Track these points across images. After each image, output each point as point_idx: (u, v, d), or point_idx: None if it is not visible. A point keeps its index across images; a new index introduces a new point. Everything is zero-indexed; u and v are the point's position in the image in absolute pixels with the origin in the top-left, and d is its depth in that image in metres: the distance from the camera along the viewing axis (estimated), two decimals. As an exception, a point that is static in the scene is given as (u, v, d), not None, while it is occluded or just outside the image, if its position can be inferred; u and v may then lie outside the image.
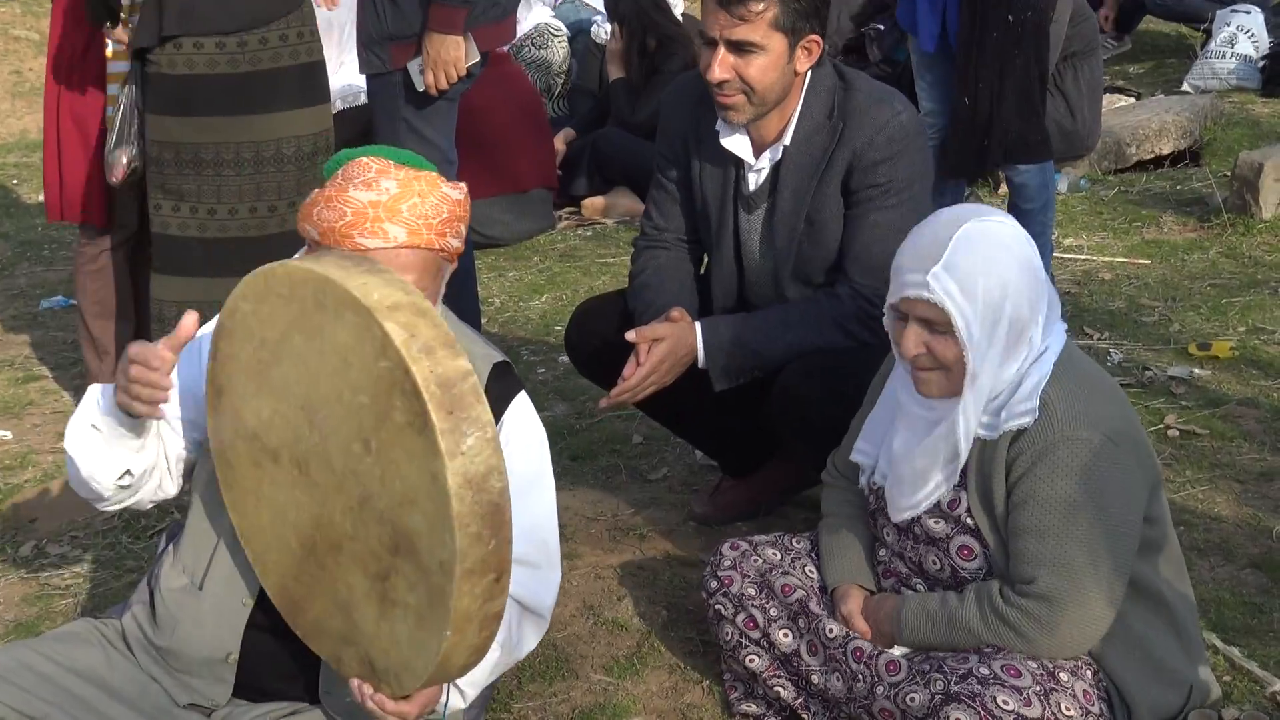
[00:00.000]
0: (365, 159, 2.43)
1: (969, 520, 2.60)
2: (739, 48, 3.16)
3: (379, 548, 2.15)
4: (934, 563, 2.67)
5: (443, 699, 2.39)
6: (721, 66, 3.17)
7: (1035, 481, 2.50)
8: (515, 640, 2.55)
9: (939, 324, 2.51)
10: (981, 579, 2.61)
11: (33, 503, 4.09)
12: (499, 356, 2.61)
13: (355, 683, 2.28)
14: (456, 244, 2.44)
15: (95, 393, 2.48)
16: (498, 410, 2.51)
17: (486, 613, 2.11)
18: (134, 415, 2.39)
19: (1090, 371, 2.64)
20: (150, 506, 2.66)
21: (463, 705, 2.49)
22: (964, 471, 2.61)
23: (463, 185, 2.51)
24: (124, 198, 4.36)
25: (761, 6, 3.11)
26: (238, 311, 2.27)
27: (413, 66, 4.22)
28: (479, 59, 4.27)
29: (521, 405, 2.60)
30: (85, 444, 2.48)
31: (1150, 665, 2.58)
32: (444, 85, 4.23)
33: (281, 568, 2.37)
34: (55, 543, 3.87)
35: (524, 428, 2.60)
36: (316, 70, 4.14)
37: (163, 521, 3.83)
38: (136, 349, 2.33)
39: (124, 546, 3.83)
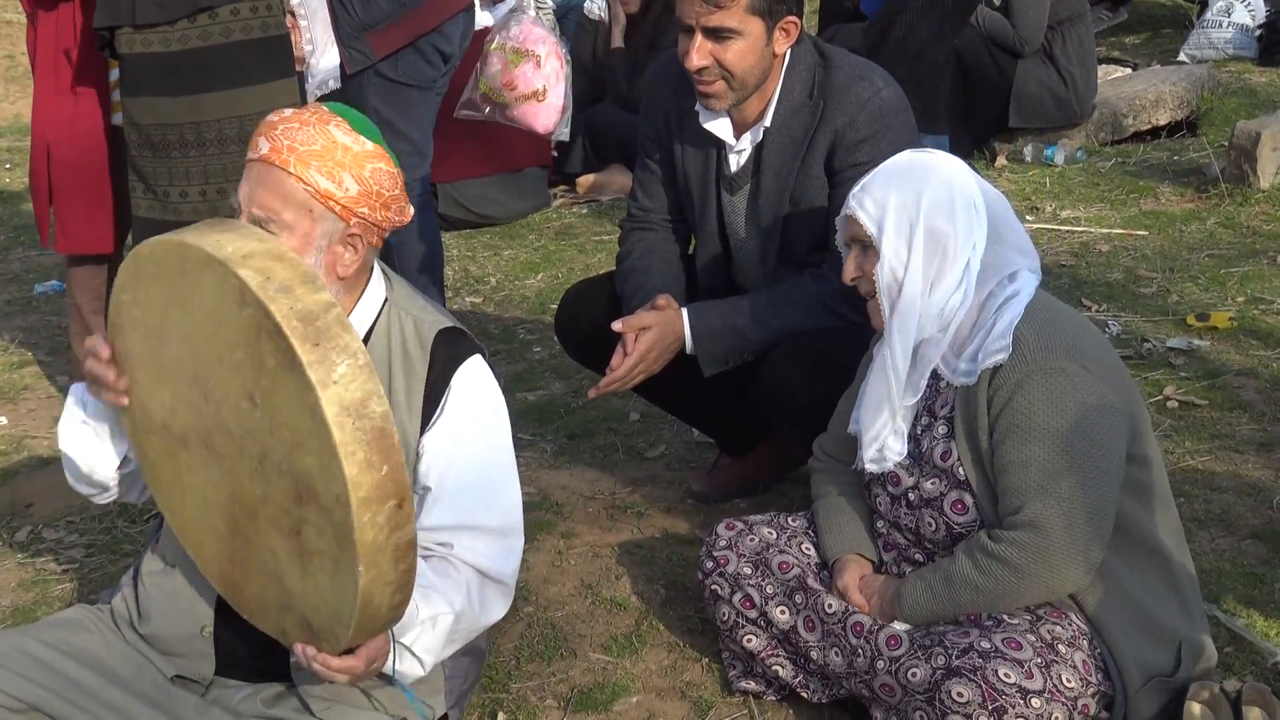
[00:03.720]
0: (314, 103, 2.50)
1: (959, 471, 2.60)
2: (716, 34, 3.13)
3: (286, 501, 2.15)
4: (929, 523, 2.66)
5: (390, 660, 2.37)
6: (699, 54, 3.14)
7: (1014, 414, 2.52)
8: (478, 608, 2.54)
9: (865, 240, 2.63)
10: (976, 531, 2.60)
11: (29, 488, 4.09)
12: (448, 323, 2.59)
13: (299, 648, 2.29)
14: (326, 185, 2.37)
15: (77, 390, 2.51)
16: (445, 374, 2.52)
17: (397, 542, 2.09)
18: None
19: (1066, 312, 2.66)
20: (147, 495, 2.66)
21: (421, 672, 2.47)
22: (951, 421, 2.62)
23: (371, 146, 2.45)
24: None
25: None
26: (120, 305, 2.30)
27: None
28: None
29: (474, 369, 2.58)
30: (79, 440, 2.52)
31: (1141, 620, 2.57)
32: None
33: (217, 555, 2.37)
34: (51, 527, 3.87)
35: (475, 392, 2.58)
36: (274, 45, 3.97)
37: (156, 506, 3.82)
38: (89, 341, 2.39)
39: (120, 530, 3.82)
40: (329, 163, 2.39)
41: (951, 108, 6.61)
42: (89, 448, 2.52)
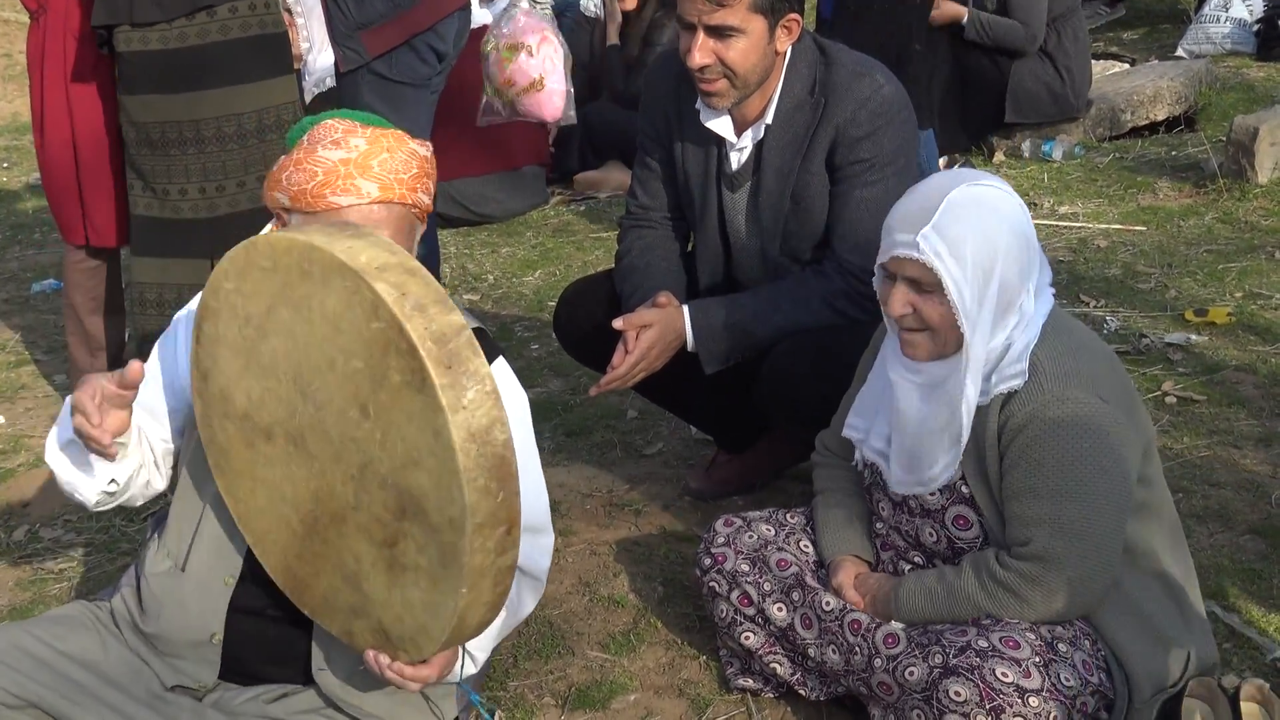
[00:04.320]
0: (330, 121, 2.43)
1: (964, 489, 2.59)
2: (719, 32, 3.11)
3: (384, 513, 2.13)
4: (930, 534, 2.66)
5: (458, 663, 2.38)
6: (702, 52, 3.13)
7: (1028, 442, 2.49)
8: (516, 602, 2.55)
9: (927, 284, 2.49)
10: (978, 548, 2.60)
11: (26, 487, 4.08)
12: (474, 323, 2.59)
13: (371, 654, 2.27)
14: (427, 200, 2.44)
15: (69, 406, 2.46)
16: None
17: (500, 566, 2.10)
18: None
19: (1079, 332, 2.62)
20: (142, 503, 2.65)
21: (474, 670, 2.48)
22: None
23: (428, 144, 2.49)
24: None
25: None
26: (220, 290, 2.24)
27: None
28: None
29: (500, 371, 2.58)
30: (64, 459, 2.49)
31: (1149, 633, 2.56)
32: None
33: (283, 548, 2.35)
34: (49, 527, 3.86)
35: (505, 394, 2.57)
36: (272, 42, 3.99)
37: (155, 505, 3.81)
38: (79, 396, 2.31)
39: (117, 530, 3.81)
40: (424, 179, 2.43)
41: (948, 104, 6.62)
42: (73, 468, 2.47)
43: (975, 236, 2.46)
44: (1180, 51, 8.06)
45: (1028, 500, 2.49)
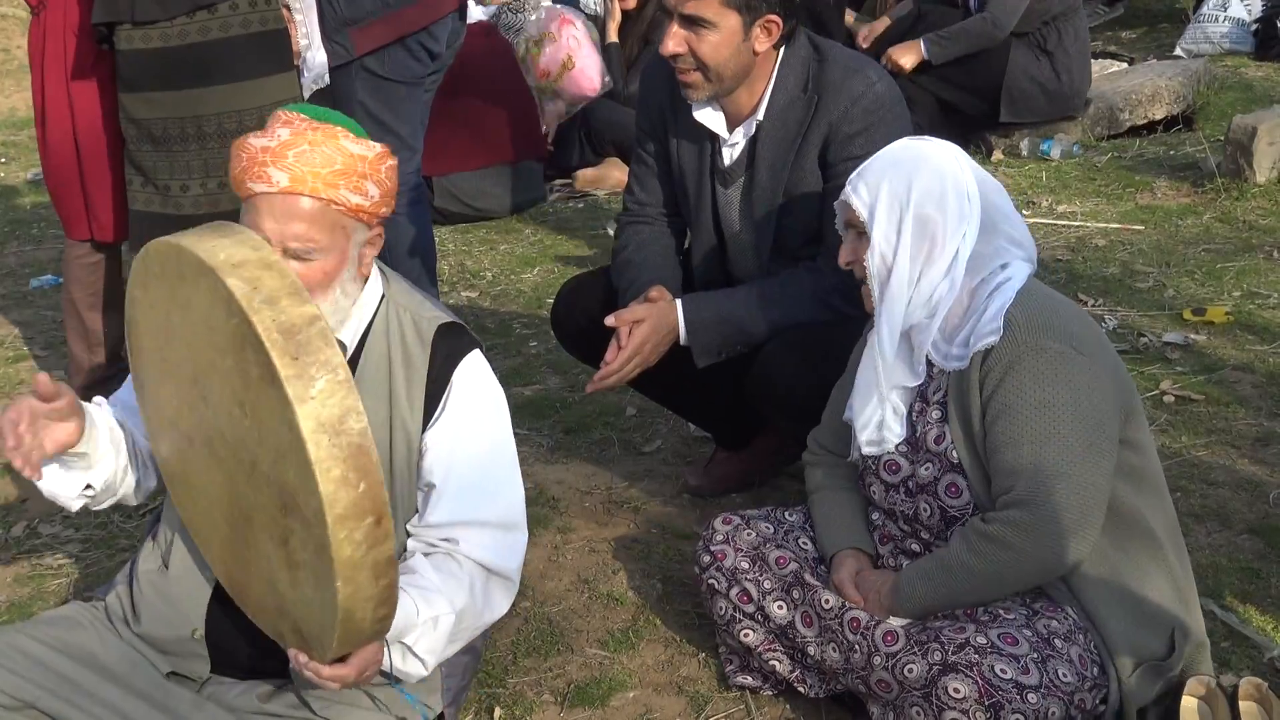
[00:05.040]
0: (282, 111, 2.43)
1: (953, 455, 2.61)
2: (692, 22, 3.14)
3: (275, 511, 2.14)
4: (925, 509, 2.67)
5: (386, 661, 2.36)
6: (674, 40, 3.17)
7: (1005, 394, 2.53)
8: (481, 604, 2.53)
9: (859, 225, 2.66)
10: (970, 514, 2.61)
11: (24, 483, 4.06)
12: (447, 318, 2.58)
13: (293, 653, 2.28)
14: (357, 200, 2.37)
15: None
16: (444, 371, 2.51)
17: (375, 559, 2.07)
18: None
19: (1056, 298, 2.67)
20: (138, 502, 2.65)
21: (424, 673, 2.47)
22: (944, 405, 2.63)
23: (378, 147, 2.44)
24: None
25: None
26: (134, 301, 2.29)
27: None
28: None
29: (473, 365, 2.57)
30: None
31: (1131, 603, 2.56)
32: None
33: (222, 554, 2.37)
34: (47, 523, 3.86)
35: (476, 388, 2.57)
36: (272, 39, 3.99)
37: (156, 501, 3.81)
38: (3, 418, 2.31)
39: (116, 526, 3.81)
40: (354, 177, 2.37)
41: (944, 102, 6.62)
42: (49, 477, 2.46)
43: (892, 174, 2.64)
44: (1179, 51, 8.07)
45: (1008, 451, 2.52)
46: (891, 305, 2.62)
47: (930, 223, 2.58)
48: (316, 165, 2.34)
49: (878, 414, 2.70)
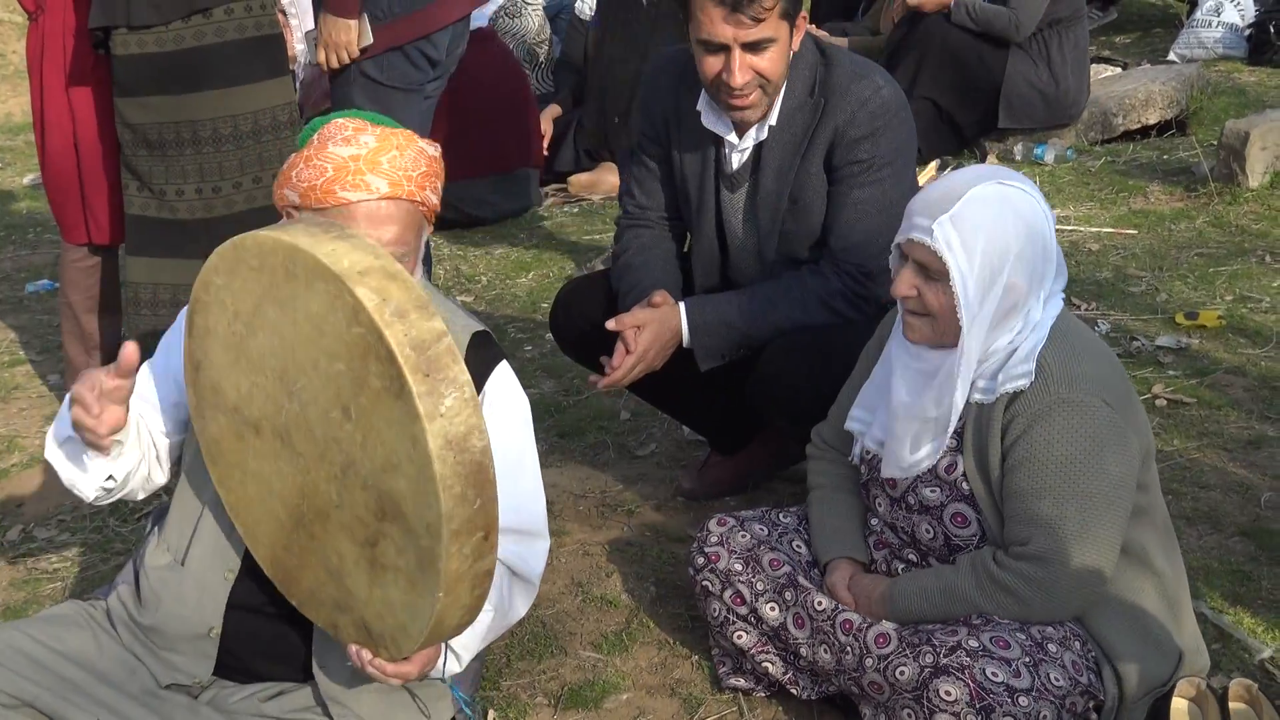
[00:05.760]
0: (340, 120, 2.46)
1: (964, 485, 2.60)
2: (754, 47, 3.09)
3: (366, 514, 2.14)
4: (927, 531, 2.67)
5: (441, 661, 2.40)
6: (743, 71, 3.10)
7: (1032, 443, 2.50)
8: (507, 604, 2.56)
9: (934, 271, 2.52)
10: (975, 546, 2.61)
11: (20, 487, 4.08)
12: (478, 326, 2.61)
13: (353, 649, 2.29)
14: (434, 199, 2.46)
15: (68, 402, 2.48)
16: (478, 380, 2.53)
17: (477, 571, 2.10)
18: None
19: (1087, 338, 2.63)
20: (143, 497, 2.67)
21: (459, 669, 2.49)
22: (960, 435, 2.61)
23: (437, 144, 2.52)
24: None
25: (771, 1, 3.05)
26: (211, 285, 2.26)
27: (308, 38, 4.20)
28: (371, 42, 4.19)
29: (503, 375, 2.60)
30: (63, 454, 2.50)
31: (1140, 633, 2.58)
32: (335, 65, 4.19)
33: (272, 539, 2.37)
34: (43, 527, 3.87)
35: (506, 398, 2.60)
36: (267, 44, 4.01)
37: (150, 504, 3.82)
38: (79, 389, 2.34)
39: (111, 530, 3.82)
40: (434, 179, 2.44)
41: (941, 108, 6.63)
42: (72, 463, 2.49)
43: (989, 233, 2.48)
44: (1172, 55, 8.07)
45: (1029, 500, 2.50)
46: (968, 358, 2.53)
47: (1018, 291, 2.52)
48: (408, 169, 2.39)
49: (926, 464, 2.64)
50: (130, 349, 2.31)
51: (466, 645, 2.48)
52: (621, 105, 5.42)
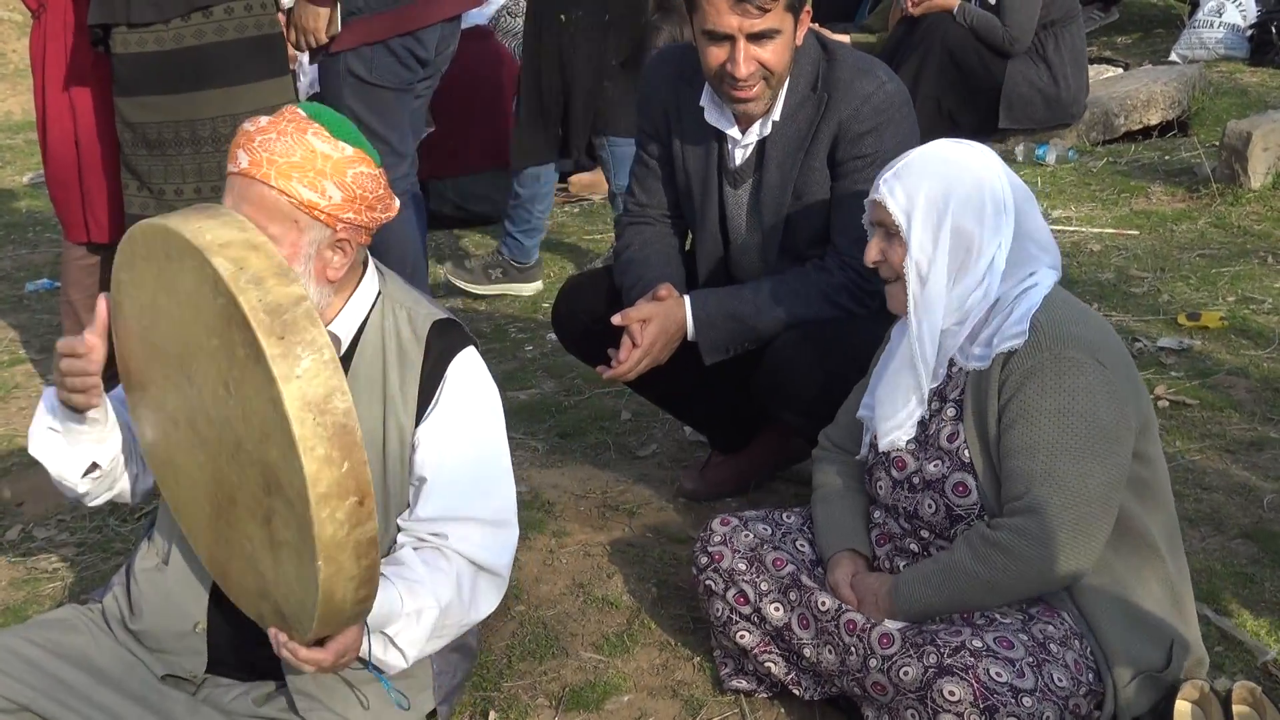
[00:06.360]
0: (293, 107, 2.46)
1: (965, 454, 2.61)
2: (758, 38, 3.09)
3: (258, 490, 2.15)
4: (929, 505, 2.67)
5: (364, 647, 2.36)
6: (747, 62, 3.10)
7: (1025, 400, 2.53)
8: (468, 601, 2.54)
9: (890, 227, 2.64)
10: (976, 515, 2.61)
11: (19, 487, 4.07)
12: (442, 314, 2.59)
13: (272, 631, 2.29)
14: (309, 195, 2.35)
15: (48, 397, 2.51)
16: (439, 366, 2.53)
17: (358, 539, 2.09)
18: (77, 409, 2.43)
19: (1083, 309, 2.68)
20: (138, 499, 2.67)
21: (404, 664, 2.47)
22: (960, 404, 2.63)
23: (352, 151, 2.42)
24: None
25: None
26: (119, 284, 2.30)
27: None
28: (339, 31, 4.21)
29: (467, 361, 2.58)
30: (47, 447, 2.52)
31: (1132, 615, 2.57)
32: (303, 49, 4.23)
33: (206, 536, 2.38)
34: (42, 526, 3.86)
35: (470, 384, 2.58)
36: (268, 43, 3.98)
37: (149, 504, 3.82)
38: (62, 342, 2.38)
39: (111, 529, 3.81)
40: (310, 173, 2.36)
41: (941, 109, 6.63)
42: (57, 454, 2.51)
43: (932, 179, 2.62)
44: (1174, 56, 8.08)
45: (1023, 457, 2.52)
46: (930, 311, 2.62)
47: (968, 235, 2.59)
48: (275, 154, 2.36)
49: (916, 414, 2.70)
50: (103, 303, 2.35)
51: (412, 641, 2.45)
52: (558, 114, 5.47)
